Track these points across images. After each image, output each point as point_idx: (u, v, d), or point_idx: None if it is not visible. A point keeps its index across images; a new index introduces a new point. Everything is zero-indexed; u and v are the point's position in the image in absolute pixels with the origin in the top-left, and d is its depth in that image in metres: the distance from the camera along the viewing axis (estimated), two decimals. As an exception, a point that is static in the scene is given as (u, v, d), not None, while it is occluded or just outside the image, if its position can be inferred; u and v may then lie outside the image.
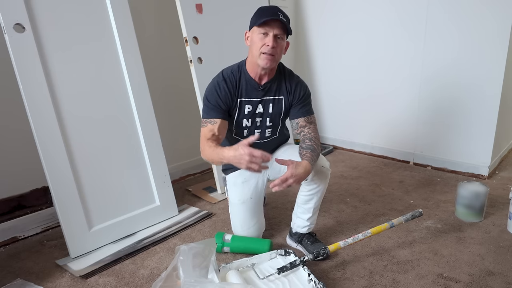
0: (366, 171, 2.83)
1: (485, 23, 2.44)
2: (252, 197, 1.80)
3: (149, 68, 2.20)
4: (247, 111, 1.67)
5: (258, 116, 1.68)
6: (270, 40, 1.50)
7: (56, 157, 1.71)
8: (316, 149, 1.60)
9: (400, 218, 1.75)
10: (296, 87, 1.68)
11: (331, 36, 3.24)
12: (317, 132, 1.68)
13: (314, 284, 1.47)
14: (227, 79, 1.63)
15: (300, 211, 1.75)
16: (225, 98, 1.62)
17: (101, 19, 1.90)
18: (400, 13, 2.80)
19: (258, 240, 1.78)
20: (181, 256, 1.43)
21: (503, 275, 1.59)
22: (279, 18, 1.49)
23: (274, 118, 1.71)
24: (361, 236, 1.67)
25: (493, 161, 2.70)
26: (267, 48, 1.51)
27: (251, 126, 1.70)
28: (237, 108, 1.65)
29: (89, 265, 1.68)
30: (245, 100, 1.65)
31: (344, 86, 3.26)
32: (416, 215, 1.77)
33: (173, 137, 2.61)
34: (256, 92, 1.64)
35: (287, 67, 1.73)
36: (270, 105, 1.67)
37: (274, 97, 1.67)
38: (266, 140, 1.76)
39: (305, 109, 1.68)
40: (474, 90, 2.58)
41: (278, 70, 1.67)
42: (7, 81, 1.82)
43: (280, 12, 1.51)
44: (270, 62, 1.54)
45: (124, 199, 1.94)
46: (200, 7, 2.27)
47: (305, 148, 1.60)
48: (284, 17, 1.51)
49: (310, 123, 1.68)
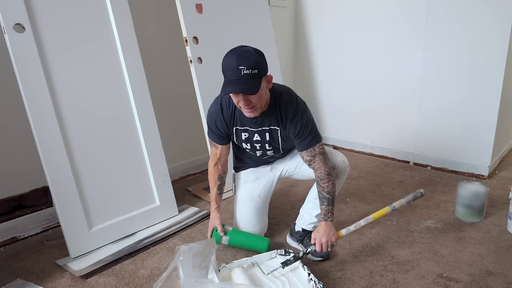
0: (366, 171, 2.83)
1: (485, 23, 2.44)
2: (260, 196, 1.81)
3: (149, 68, 2.20)
4: (244, 137, 1.67)
5: (256, 142, 1.68)
6: (241, 103, 1.44)
7: (56, 157, 1.71)
8: (328, 197, 1.59)
9: (401, 200, 1.66)
10: (291, 122, 1.57)
11: (331, 35, 3.24)
12: (324, 164, 1.59)
13: (314, 284, 1.47)
14: (224, 107, 1.61)
15: (310, 206, 1.76)
16: (223, 128, 1.64)
17: (101, 19, 1.90)
18: (401, 11, 2.80)
19: (258, 236, 1.78)
20: (181, 256, 1.43)
21: (503, 275, 1.59)
22: (239, 90, 1.38)
23: (273, 144, 1.68)
24: (363, 222, 1.63)
25: (493, 161, 2.70)
26: (242, 107, 1.47)
27: (251, 149, 1.72)
28: (234, 134, 1.67)
29: (89, 265, 1.68)
30: (241, 129, 1.65)
31: (344, 86, 3.26)
32: (417, 196, 1.67)
33: (173, 137, 2.61)
34: (250, 124, 1.62)
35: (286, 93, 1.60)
36: (266, 134, 1.64)
37: (269, 127, 1.62)
38: (269, 157, 1.78)
39: (305, 142, 1.59)
40: (474, 90, 2.58)
41: (274, 99, 1.56)
42: (7, 81, 1.82)
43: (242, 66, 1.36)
44: (254, 113, 1.50)
45: (124, 199, 1.94)
46: (200, 7, 2.27)
47: (321, 199, 1.60)
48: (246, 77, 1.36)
49: (314, 156, 1.59)
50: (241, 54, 1.39)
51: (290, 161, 1.82)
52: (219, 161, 1.74)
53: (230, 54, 1.42)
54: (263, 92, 1.46)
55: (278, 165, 1.85)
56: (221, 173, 1.77)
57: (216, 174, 1.75)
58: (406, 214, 2.14)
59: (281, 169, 1.84)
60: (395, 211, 1.70)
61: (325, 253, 1.70)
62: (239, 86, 1.39)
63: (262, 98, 1.48)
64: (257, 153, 1.74)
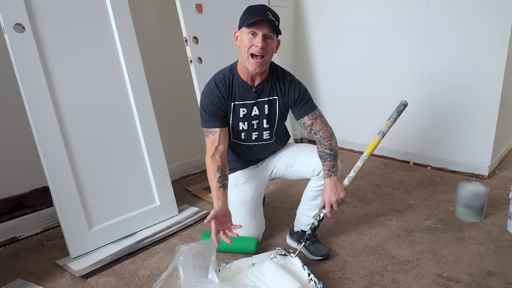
0: (366, 171, 2.83)
1: (485, 23, 2.44)
2: (253, 197, 1.80)
3: (149, 68, 2.20)
4: (242, 114, 1.65)
5: (254, 118, 1.67)
6: (259, 40, 1.46)
7: (56, 157, 1.71)
8: (332, 154, 1.61)
9: (387, 122, 1.68)
10: (290, 87, 1.64)
11: (331, 35, 3.24)
12: (326, 125, 1.66)
13: (314, 284, 1.47)
14: (219, 84, 1.60)
15: (306, 208, 1.76)
16: (220, 104, 1.60)
17: (101, 18, 1.89)
18: (400, 13, 2.80)
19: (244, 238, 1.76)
20: (181, 256, 1.43)
21: (503, 275, 1.59)
22: (268, 18, 1.45)
23: (271, 119, 1.68)
24: (360, 163, 1.68)
25: (493, 161, 2.70)
26: (256, 49, 1.47)
27: (248, 129, 1.69)
28: (232, 112, 1.64)
29: (89, 265, 1.68)
30: (239, 104, 1.63)
31: (344, 86, 3.27)
32: (401, 109, 1.67)
33: (173, 137, 2.61)
34: (249, 95, 1.62)
35: (279, 66, 1.70)
36: (265, 106, 1.65)
37: (268, 98, 1.64)
38: (265, 143, 1.75)
39: (306, 106, 1.66)
40: (474, 90, 2.58)
41: (271, 70, 1.64)
42: (7, 81, 1.82)
43: (269, 12, 1.47)
44: (259, 67, 1.51)
45: (124, 199, 1.94)
46: (200, 7, 2.27)
47: (324, 156, 1.61)
48: (273, 16, 1.48)
49: (315, 118, 1.66)
50: (266, 6, 1.51)
51: (280, 161, 1.81)
52: (216, 151, 1.60)
53: (254, 5, 1.52)
54: (274, 48, 1.54)
55: (267, 164, 1.84)
56: (220, 164, 1.59)
57: (214, 165, 1.58)
58: (406, 214, 2.14)
59: (270, 169, 1.83)
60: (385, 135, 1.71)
61: (325, 252, 1.70)
62: (267, 22, 1.46)
63: (271, 54, 1.54)
64: (253, 135, 1.70)
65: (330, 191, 1.55)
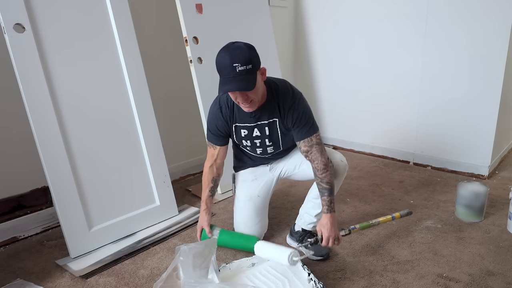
0: (366, 171, 2.83)
1: (485, 23, 2.44)
2: (259, 195, 1.81)
3: (149, 68, 2.20)
4: (244, 134, 1.67)
5: (256, 138, 1.67)
6: (239, 100, 1.47)
7: (56, 157, 1.71)
8: (328, 188, 1.58)
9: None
10: (289, 111, 1.57)
11: (331, 35, 3.24)
12: (321, 154, 1.58)
13: (314, 284, 1.47)
14: (222, 106, 1.62)
15: (310, 206, 1.76)
16: (223, 127, 1.65)
17: (101, 19, 1.89)
18: (401, 12, 2.80)
19: (246, 235, 1.77)
20: (181, 256, 1.43)
21: (503, 275, 1.59)
22: (237, 88, 1.39)
23: (273, 138, 1.67)
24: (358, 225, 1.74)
25: (493, 161, 2.70)
26: (241, 103, 1.49)
27: (251, 146, 1.71)
28: (234, 132, 1.67)
29: (89, 265, 1.68)
30: (240, 126, 1.65)
31: (344, 86, 3.26)
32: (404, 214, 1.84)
33: (173, 137, 2.61)
34: (249, 119, 1.62)
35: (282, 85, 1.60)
36: (265, 128, 1.64)
37: (268, 121, 1.62)
38: (270, 155, 1.77)
39: (303, 131, 1.58)
40: (474, 90, 2.58)
41: (270, 92, 1.57)
42: (7, 81, 1.82)
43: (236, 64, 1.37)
44: (252, 108, 1.52)
45: (124, 199, 1.94)
46: (200, 7, 2.27)
47: (321, 190, 1.59)
48: (243, 65, 1.37)
49: (311, 146, 1.58)
50: (234, 51, 1.40)
51: (289, 161, 1.81)
52: (215, 163, 1.74)
53: (222, 53, 1.43)
54: (259, 85, 1.48)
55: (277, 165, 1.84)
56: (215, 175, 1.76)
57: (210, 176, 1.76)
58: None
59: (280, 169, 1.84)
60: None
61: (325, 252, 1.70)
62: (237, 84, 1.40)
63: (259, 91, 1.50)
64: (257, 150, 1.73)
65: (330, 225, 1.56)
